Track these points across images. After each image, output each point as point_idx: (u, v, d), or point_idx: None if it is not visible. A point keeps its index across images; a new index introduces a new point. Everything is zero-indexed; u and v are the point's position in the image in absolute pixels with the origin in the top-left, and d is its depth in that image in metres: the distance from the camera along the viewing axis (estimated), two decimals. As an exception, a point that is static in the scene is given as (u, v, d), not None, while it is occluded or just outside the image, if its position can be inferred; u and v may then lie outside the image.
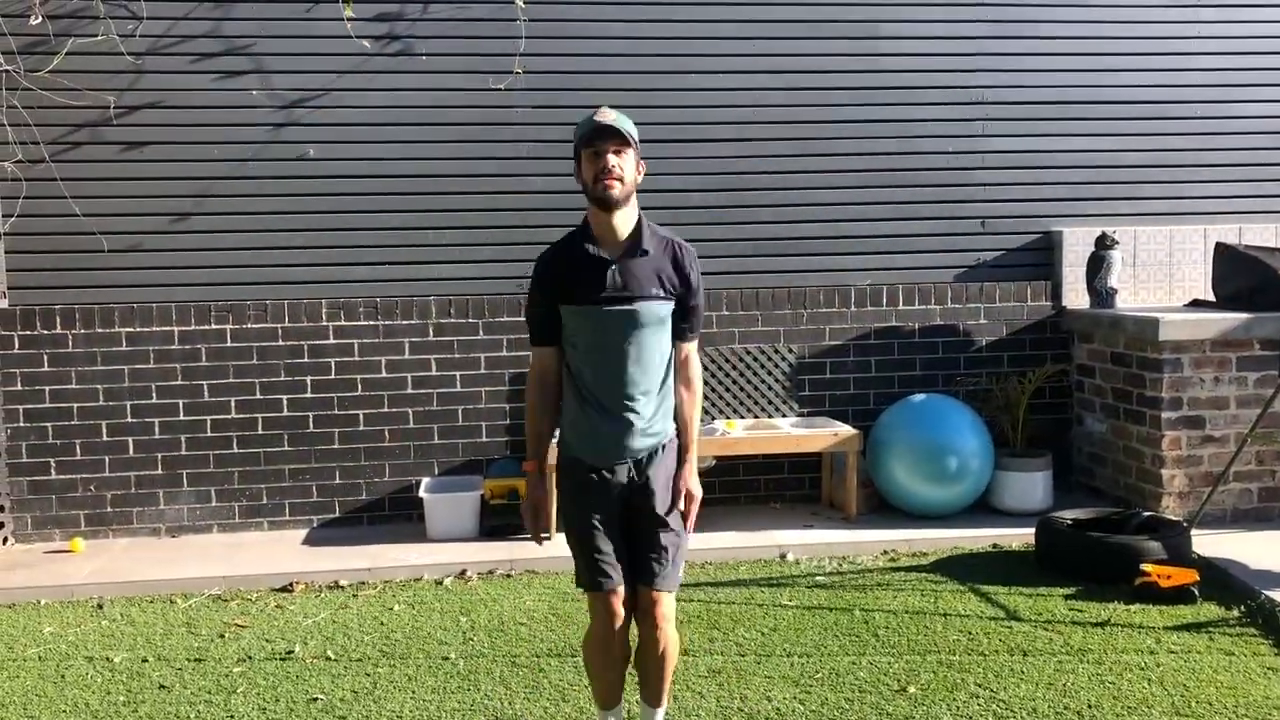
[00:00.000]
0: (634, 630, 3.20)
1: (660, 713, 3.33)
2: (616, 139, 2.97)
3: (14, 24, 5.52)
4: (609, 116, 2.99)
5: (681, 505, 3.18)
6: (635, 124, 3.05)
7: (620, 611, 3.12)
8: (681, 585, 4.65)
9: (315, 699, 3.79)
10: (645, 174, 3.12)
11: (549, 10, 5.90)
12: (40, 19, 5.51)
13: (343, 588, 5.01)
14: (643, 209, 3.13)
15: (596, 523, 3.09)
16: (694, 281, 3.14)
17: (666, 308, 3.09)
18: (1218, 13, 6.40)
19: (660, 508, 3.13)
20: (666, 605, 3.16)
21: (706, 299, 6.04)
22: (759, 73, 6.09)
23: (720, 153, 6.04)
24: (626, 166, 2.99)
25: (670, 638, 3.21)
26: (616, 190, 2.98)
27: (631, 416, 3.07)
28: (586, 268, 3.03)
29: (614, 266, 3.03)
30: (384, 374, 5.90)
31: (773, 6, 6.06)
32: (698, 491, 3.23)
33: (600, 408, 3.08)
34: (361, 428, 5.90)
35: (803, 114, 6.14)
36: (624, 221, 3.05)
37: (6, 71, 5.52)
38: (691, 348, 3.24)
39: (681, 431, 3.23)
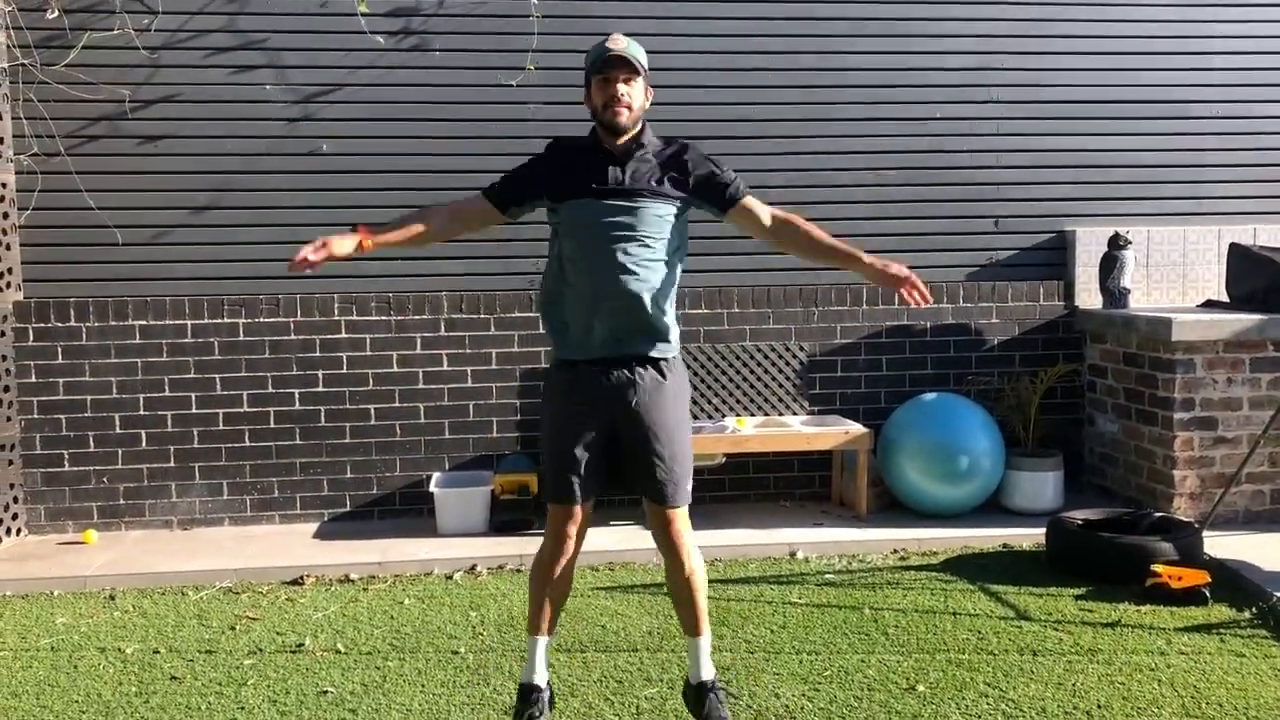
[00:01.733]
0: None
1: (703, 642, 3.31)
2: (626, 68, 3.07)
3: (31, 18, 5.55)
4: (620, 44, 3.09)
5: (904, 277, 3.19)
6: (651, 121, 3.10)
7: (573, 532, 3.17)
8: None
9: (325, 692, 3.81)
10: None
11: (563, 6, 5.91)
12: (57, 13, 5.54)
13: (353, 581, 5.02)
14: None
15: (575, 431, 3.11)
16: (704, 161, 3.19)
17: (670, 207, 3.10)
18: (1232, 13, 6.37)
19: (662, 433, 3.12)
20: (682, 521, 3.19)
21: (717, 296, 6.07)
22: (771, 70, 6.08)
23: (732, 150, 6.02)
24: (635, 94, 3.10)
25: (694, 557, 3.23)
26: (624, 117, 3.09)
27: (627, 313, 3.07)
28: (591, 162, 3.10)
29: (617, 165, 3.10)
30: (395, 369, 5.92)
31: (787, 4, 6.05)
32: (902, 268, 3.22)
33: (595, 305, 3.08)
34: (373, 422, 5.92)
35: (814, 112, 6.14)
36: (631, 142, 3.14)
37: (23, 65, 5.55)
38: (758, 204, 3.23)
39: (836, 250, 3.23)
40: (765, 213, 3.29)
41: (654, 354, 3.17)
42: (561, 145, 3.24)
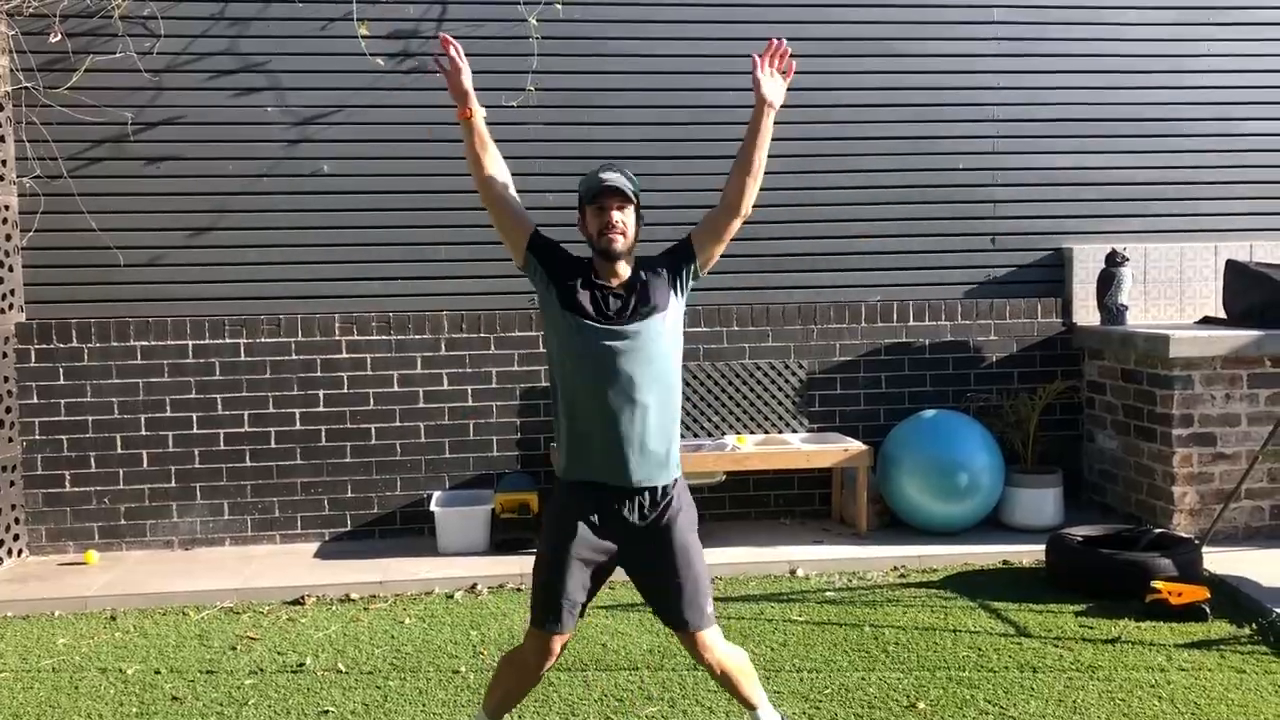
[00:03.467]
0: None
1: (761, 711, 3.25)
2: (619, 196, 3.10)
3: (34, 41, 5.60)
4: (612, 175, 3.11)
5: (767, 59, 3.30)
6: (646, 140, 3.13)
7: (556, 653, 3.12)
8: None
9: (326, 711, 3.81)
10: (655, 202, 3.18)
11: (562, 29, 5.95)
12: (60, 37, 5.58)
13: (354, 601, 5.03)
14: (656, 224, 3.17)
15: (570, 558, 3.05)
16: (674, 248, 3.22)
17: (663, 322, 3.09)
18: (1227, 31, 6.42)
19: (675, 553, 3.08)
20: (711, 638, 3.14)
21: (717, 314, 6.09)
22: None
23: (728, 172, 6.06)
24: (629, 221, 3.12)
25: (729, 659, 3.18)
26: (620, 244, 3.10)
27: (629, 433, 3.03)
28: (593, 286, 3.10)
29: (615, 294, 3.10)
30: (396, 388, 5.94)
31: (785, 25, 6.08)
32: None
33: (594, 429, 3.05)
34: (373, 441, 5.93)
35: (814, 131, 6.17)
36: (625, 272, 3.14)
37: (26, 89, 5.59)
38: (705, 220, 3.27)
39: (752, 134, 3.30)
40: (708, 215, 3.28)
41: (661, 482, 3.12)
42: (574, 261, 3.18)
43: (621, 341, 3.05)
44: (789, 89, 3.41)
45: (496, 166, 3.21)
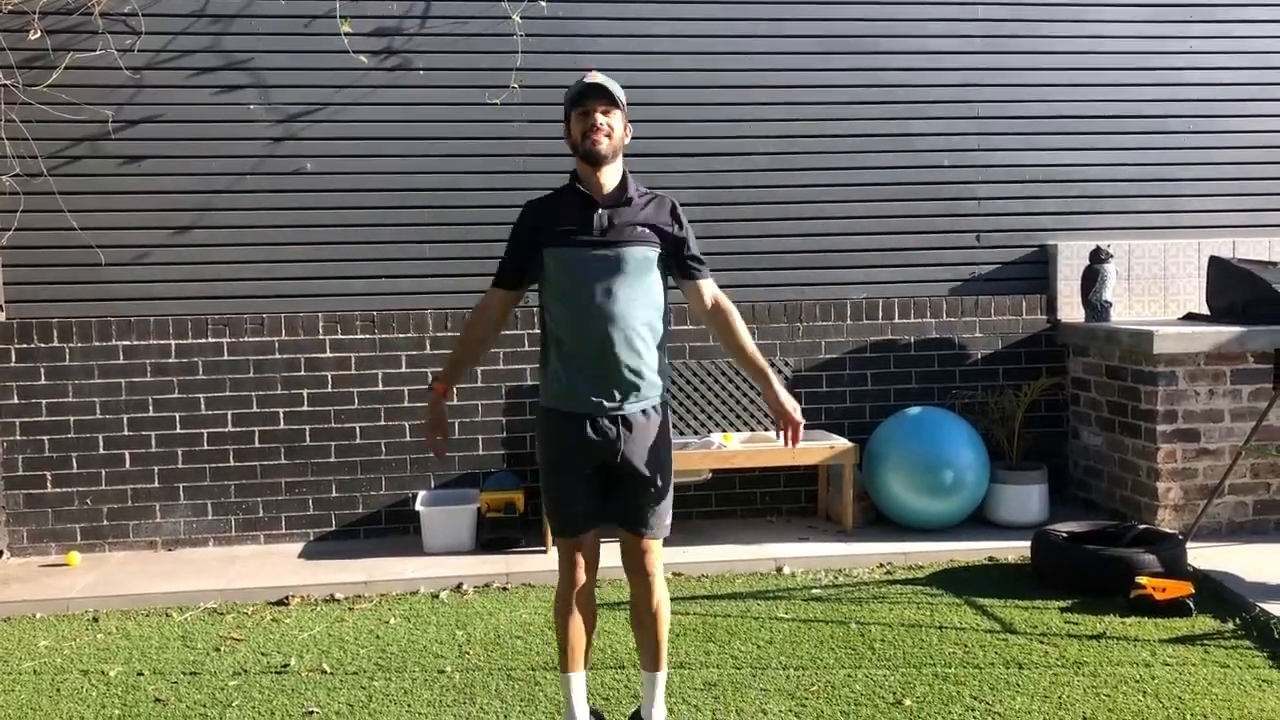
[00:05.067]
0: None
1: (659, 677, 3.37)
2: (605, 98, 3.14)
3: (13, 38, 5.55)
4: (598, 78, 3.14)
5: (783, 431, 3.26)
6: (634, 139, 3.16)
7: (583, 562, 3.25)
8: (678, 598, 4.67)
9: (311, 712, 3.79)
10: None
11: (545, 26, 5.93)
12: (39, 34, 5.53)
13: (339, 601, 5.00)
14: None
15: (571, 474, 3.19)
16: (684, 226, 3.25)
17: (653, 251, 3.15)
18: (1211, 28, 6.45)
19: (646, 475, 3.21)
20: (655, 554, 3.28)
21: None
22: (755, 88, 6.12)
23: (716, 167, 6.07)
24: (614, 124, 3.16)
25: (662, 588, 3.31)
26: (603, 145, 3.12)
27: (615, 364, 3.11)
28: (573, 211, 3.14)
29: (600, 210, 3.13)
30: (380, 387, 5.91)
31: (768, 22, 6.09)
32: (796, 412, 3.26)
33: (583, 356, 3.12)
34: (358, 441, 5.90)
35: (798, 129, 6.17)
36: (610, 177, 3.18)
37: (5, 86, 5.54)
38: (710, 286, 3.32)
39: (751, 359, 3.29)
40: (709, 296, 3.34)
41: (643, 402, 3.21)
42: (540, 201, 3.26)
43: (603, 261, 3.11)
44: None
45: (479, 337, 3.34)
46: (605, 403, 3.15)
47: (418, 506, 5.62)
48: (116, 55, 5.63)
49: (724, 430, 6.07)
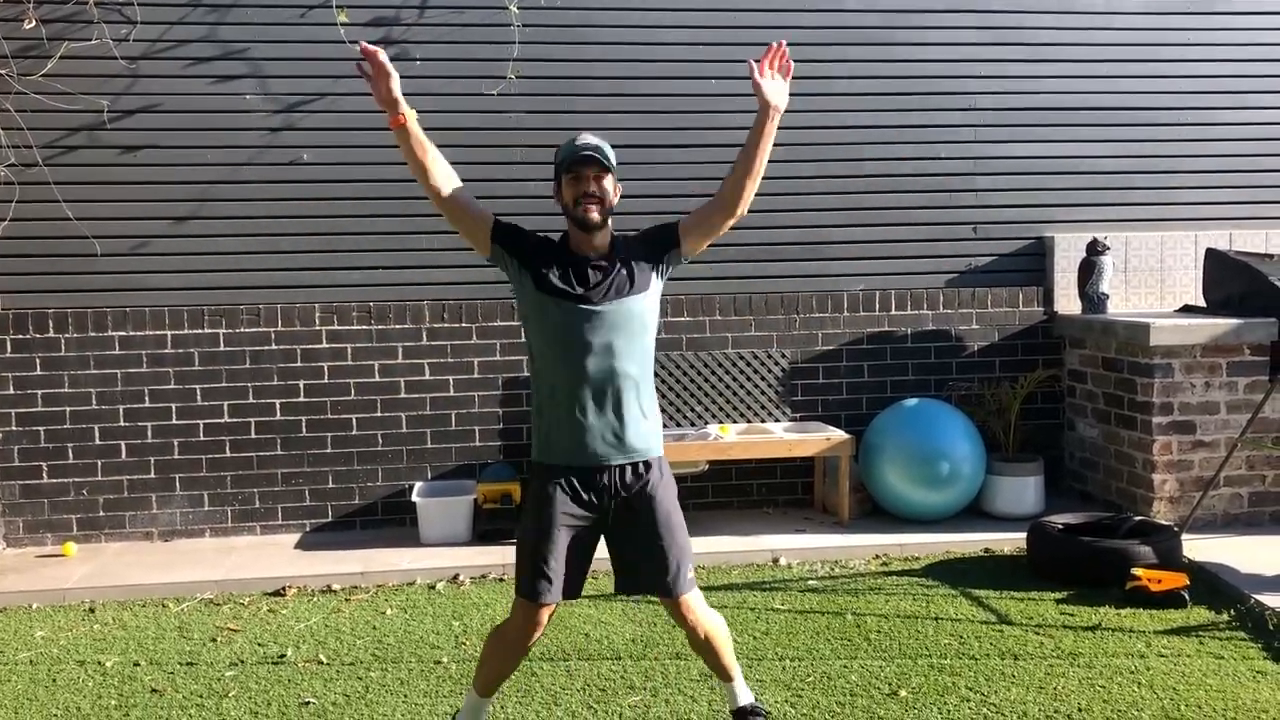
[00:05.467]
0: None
1: (737, 683, 3.35)
2: (596, 165, 3.08)
3: (8, 28, 5.53)
4: (589, 142, 3.09)
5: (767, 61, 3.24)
6: (628, 129, 3.13)
7: (543, 624, 3.15)
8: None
9: (307, 703, 3.79)
10: (634, 191, 3.18)
11: (543, 16, 5.92)
12: (34, 23, 5.51)
13: (335, 592, 5.00)
14: (634, 214, 3.16)
15: (554, 531, 3.08)
16: (659, 229, 3.25)
17: (642, 302, 3.12)
18: (1208, 20, 6.44)
19: (659, 519, 3.12)
20: (693, 601, 3.20)
21: (700, 304, 6.08)
22: (750, 79, 6.09)
23: (712, 158, 6.05)
24: (607, 189, 3.11)
25: (710, 624, 3.25)
26: (596, 214, 3.09)
27: (609, 413, 3.07)
28: (568, 262, 3.10)
29: (593, 266, 3.10)
30: (377, 378, 5.91)
31: (766, 13, 6.08)
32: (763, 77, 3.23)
33: (576, 408, 3.06)
34: (354, 432, 5.90)
35: (795, 120, 6.12)
36: (602, 241, 3.15)
37: (0, 75, 5.52)
38: (694, 213, 3.32)
39: (754, 139, 3.27)
40: (702, 207, 3.31)
41: (642, 456, 3.14)
42: (544, 241, 3.18)
43: (600, 318, 3.06)
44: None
45: (441, 169, 3.17)
46: (607, 456, 3.07)
47: (414, 497, 5.62)
48: (112, 44, 5.61)
49: (721, 422, 6.07)
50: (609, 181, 3.11)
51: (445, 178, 3.19)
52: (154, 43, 5.69)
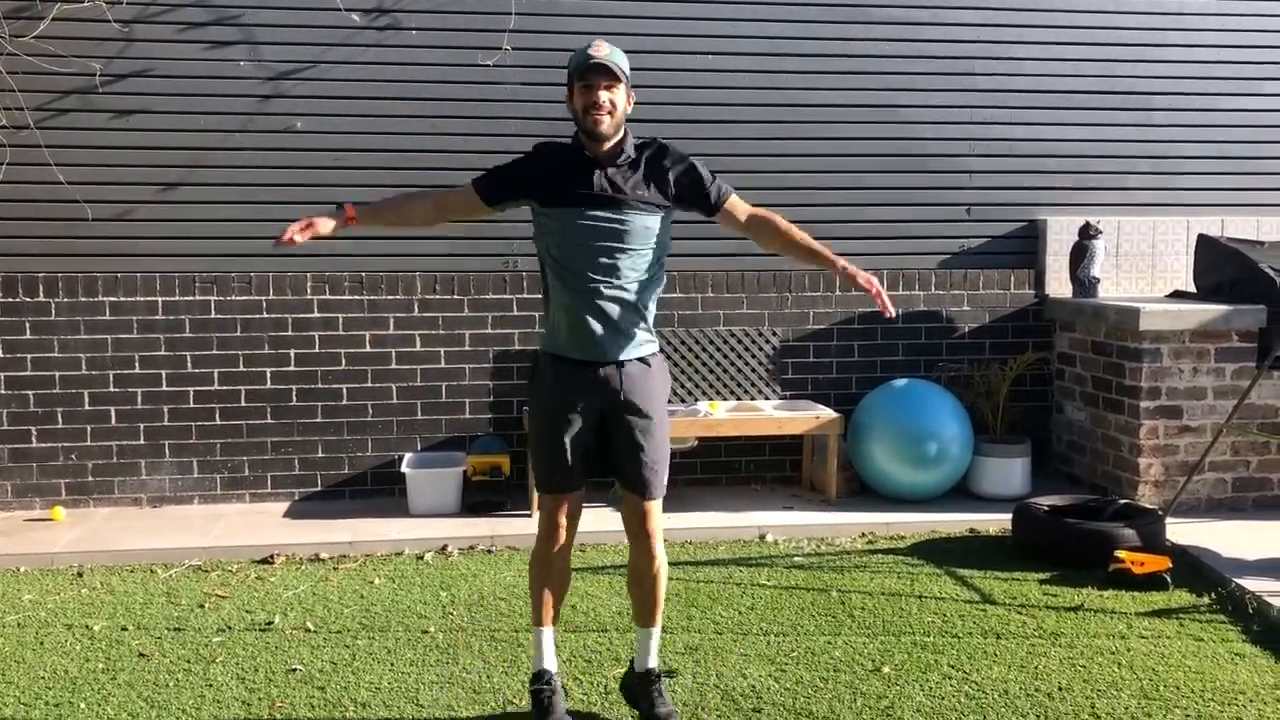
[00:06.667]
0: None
1: (654, 632, 3.42)
2: (608, 75, 3.14)
3: (-1, -12, 5.48)
4: (602, 52, 3.15)
5: (873, 289, 3.31)
6: (629, 122, 3.18)
7: (564, 520, 3.28)
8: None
9: (294, 669, 3.81)
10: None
11: (540, -13, 5.89)
12: (26, -16, 5.46)
13: (323, 560, 5.02)
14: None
15: (560, 418, 3.21)
16: (688, 165, 3.27)
17: (654, 219, 3.18)
18: (1204, 4, 6.43)
19: (645, 424, 3.23)
20: (656, 516, 3.30)
21: (692, 280, 6.08)
22: (746, 55, 6.09)
23: (706, 134, 6.03)
24: (617, 100, 3.17)
25: (660, 553, 3.34)
26: (605, 124, 3.15)
27: (613, 316, 3.15)
28: (575, 170, 3.16)
29: (599, 171, 3.16)
30: (368, 348, 5.90)
31: (764, -11, 6.05)
32: (873, 278, 3.32)
33: (582, 312, 3.15)
34: (344, 402, 5.90)
35: (789, 98, 6.14)
36: (614, 148, 3.21)
37: (-9, 36, 5.48)
38: (739, 205, 3.36)
39: (812, 254, 3.38)
40: (744, 212, 3.40)
41: (638, 355, 3.25)
42: (547, 148, 3.30)
43: (609, 224, 3.13)
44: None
45: (415, 211, 3.39)
46: (606, 353, 3.18)
47: (404, 468, 5.63)
48: (105, 8, 5.55)
49: (710, 399, 6.09)
50: (620, 91, 3.15)
51: (423, 212, 3.38)
52: (147, 7, 5.64)
